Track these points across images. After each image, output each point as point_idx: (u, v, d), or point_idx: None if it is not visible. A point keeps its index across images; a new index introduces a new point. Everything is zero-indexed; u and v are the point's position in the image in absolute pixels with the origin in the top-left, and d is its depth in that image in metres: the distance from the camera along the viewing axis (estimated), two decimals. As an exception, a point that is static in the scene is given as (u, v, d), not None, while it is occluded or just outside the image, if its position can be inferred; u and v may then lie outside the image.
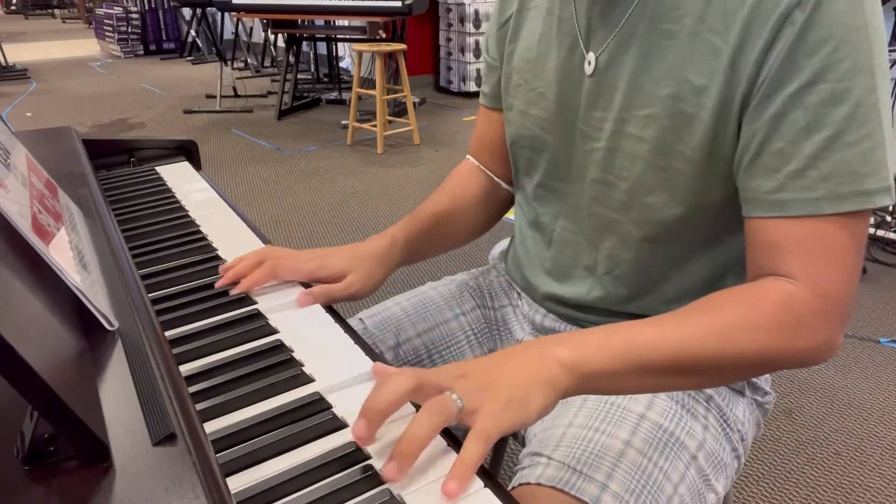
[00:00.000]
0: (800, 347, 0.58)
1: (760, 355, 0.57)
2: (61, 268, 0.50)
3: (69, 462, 0.41)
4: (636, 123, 0.66)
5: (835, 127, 0.56)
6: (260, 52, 7.12)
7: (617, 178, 0.70)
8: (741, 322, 0.57)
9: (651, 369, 0.56)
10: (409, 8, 4.07)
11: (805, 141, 0.57)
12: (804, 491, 1.49)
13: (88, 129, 4.57)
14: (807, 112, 0.57)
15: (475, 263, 2.54)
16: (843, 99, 0.56)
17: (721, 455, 0.70)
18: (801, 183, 0.58)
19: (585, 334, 0.57)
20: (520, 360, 0.54)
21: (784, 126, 0.58)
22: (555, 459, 0.63)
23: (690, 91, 0.62)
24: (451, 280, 0.95)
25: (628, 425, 0.66)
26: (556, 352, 0.55)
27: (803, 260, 0.58)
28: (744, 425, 0.75)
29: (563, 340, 0.56)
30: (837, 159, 0.56)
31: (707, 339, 0.57)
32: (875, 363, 1.95)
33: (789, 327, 0.57)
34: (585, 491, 0.59)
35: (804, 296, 0.58)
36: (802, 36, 0.56)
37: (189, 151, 1.19)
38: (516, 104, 0.80)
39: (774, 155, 0.59)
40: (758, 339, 0.57)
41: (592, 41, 0.70)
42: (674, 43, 0.63)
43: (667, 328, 0.57)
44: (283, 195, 3.34)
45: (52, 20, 13.07)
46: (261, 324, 0.67)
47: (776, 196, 0.59)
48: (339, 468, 0.48)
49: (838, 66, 0.55)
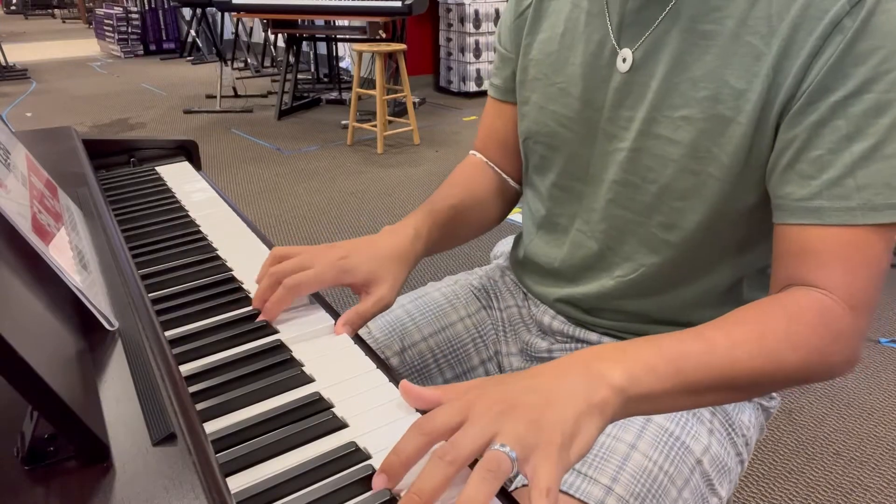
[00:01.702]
0: (834, 361, 0.58)
1: (800, 369, 0.56)
2: (61, 268, 0.50)
3: (69, 462, 0.41)
4: (668, 124, 0.65)
5: (876, 137, 0.56)
6: (260, 52, 7.12)
7: (643, 180, 0.68)
8: (784, 336, 0.56)
9: (698, 389, 0.54)
10: (409, 8, 4.07)
11: (845, 150, 0.57)
12: (804, 491, 1.49)
13: (88, 129, 4.57)
14: (849, 121, 0.56)
15: (475, 263, 2.54)
16: (887, 110, 0.55)
17: (725, 460, 0.70)
18: (838, 192, 0.57)
19: (633, 351, 0.53)
20: (567, 385, 0.49)
21: (825, 134, 0.57)
22: None
23: (730, 94, 0.61)
24: (453, 280, 0.94)
25: (634, 429, 0.66)
26: (607, 372, 0.50)
27: (838, 270, 0.57)
28: (749, 430, 0.74)
29: (611, 357, 0.52)
30: (875, 170, 0.56)
31: (753, 354, 0.55)
32: (875, 363, 1.95)
33: (827, 342, 0.57)
34: (590, 494, 0.59)
35: (839, 309, 0.57)
36: (852, 44, 0.55)
37: (189, 151, 1.19)
38: (533, 98, 0.78)
39: (812, 162, 0.58)
40: (799, 355, 0.56)
41: (624, 37, 0.68)
42: (713, 44, 0.62)
43: (714, 344, 0.55)
44: (283, 195, 3.34)
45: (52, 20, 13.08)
46: (261, 324, 0.66)
47: (811, 203, 0.58)
48: (339, 468, 0.48)
49: (886, 76, 0.55)
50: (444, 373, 0.85)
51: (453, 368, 0.85)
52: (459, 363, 0.86)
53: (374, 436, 0.52)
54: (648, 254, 0.71)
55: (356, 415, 0.54)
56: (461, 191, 0.84)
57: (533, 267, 0.86)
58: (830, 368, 0.58)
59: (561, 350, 0.79)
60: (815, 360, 0.57)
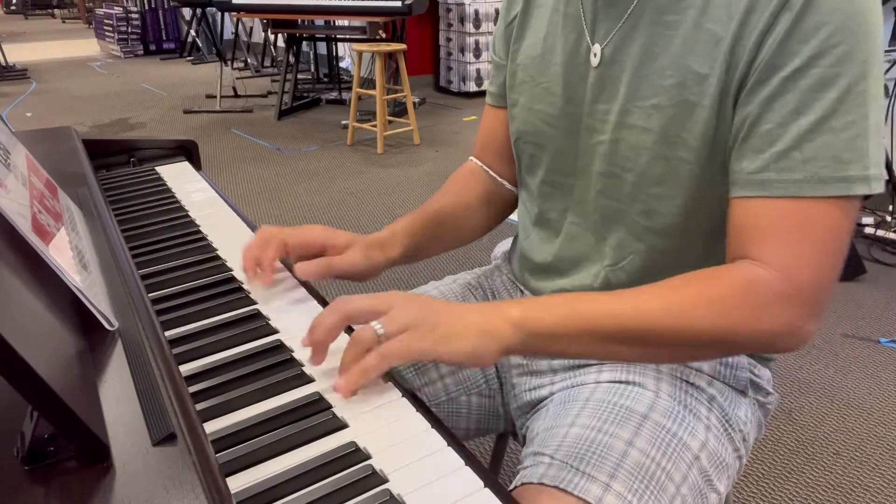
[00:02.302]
0: (760, 331, 0.59)
1: (715, 334, 0.58)
2: (61, 268, 0.50)
3: (69, 462, 0.41)
4: (641, 114, 0.67)
5: (822, 111, 0.57)
6: (260, 52, 7.12)
7: (622, 169, 0.70)
8: (698, 300, 0.59)
9: (600, 335, 0.59)
10: (409, 8, 4.07)
11: (792, 123, 0.58)
12: (804, 491, 1.49)
13: (88, 129, 4.57)
14: (797, 95, 0.58)
15: (477, 263, 2.54)
16: (833, 84, 0.57)
17: (723, 455, 0.70)
18: (784, 164, 0.58)
19: (541, 298, 0.61)
20: (472, 311, 0.59)
21: (774, 108, 0.59)
22: (557, 459, 0.63)
23: (694, 80, 0.63)
24: (453, 280, 0.95)
25: (631, 425, 0.66)
26: (507, 309, 0.59)
27: (776, 243, 0.59)
28: (746, 426, 0.74)
29: (518, 301, 0.61)
30: (821, 143, 0.57)
31: (661, 312, 0.58)
32: (875, 363, 1.95)
33: (748, 309, 0.58)
34: (588, 491, 0.59)
35: (770, 279, 0.58)
36: (798, 21, 0.57)
37: (189, 151, 1.19)
38: (521, 100, 0.81)
39: (762, 136, 0.60)
40: (717, 316, 0.58)
41: (597, 34, 0.70)
42: (677, 33, 0.64)
43: (623, 299, 0.60)
44: (283, 195, 3.34)
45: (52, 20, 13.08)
46: (261, 324, 0.66)
47: (758, 176, 0.60)
48: (339, 468, 0.48)
49: (831, 51, 0.56)
50: (439, 367, 0.86)
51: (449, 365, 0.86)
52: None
53: (374, 436, 0.52)
54: (634, 241, 0.73)
55: (356, 415, 0.54)
56: (449, 197, 0.89)
57: (528, 264, 0.87)
58: (758, 336, 0.59)
59: None
60: (732, 325, 0.58)
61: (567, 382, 0.78)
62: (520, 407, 0.83)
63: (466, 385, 0.86)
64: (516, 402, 0.84)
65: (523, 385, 0.82)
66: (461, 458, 0.50)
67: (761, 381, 0.78)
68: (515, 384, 0.84)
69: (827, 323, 2.16)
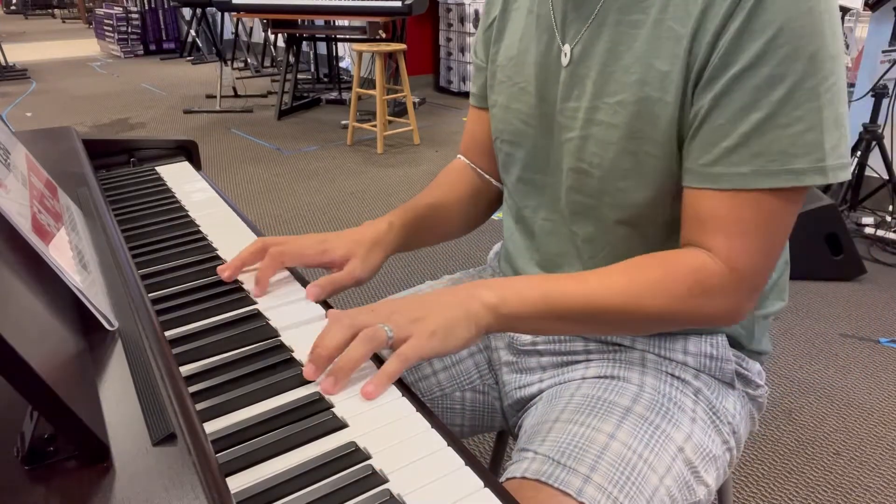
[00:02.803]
0: (705, 313, 0.65)
1: (667, 314, 0.65)
2: (61, 268, 0.50)
3: (69, 462, 0.41)
4: (607, 111, 0.69)
5: (768, 109, 0.59)
6: (260, 52, 7.12)
7: (590, 165, 0.72)
8: (654, 284, 0.64)
9: (566, 317, 0.65)
10: (409, 8, 4.07)
11: (741, 120, 0.61)
12: (804, 491, 1.49)
13: (88, 129, 4.57)
14: (745, 93, 0.60)
15: (475, 263, 2.54)
16: (779, 83, 0.59)
17: (710, 447, 0.70)
18: (734, 159, 0.62)
19: (511, 281, 0.66)
20: (448, 298, 0.63)
21: (725, 104, 0.61)
22: (540, 453, 0.64)
23: (656, 77, 0.65)
24: (449, 279, 0.96)
25: (613, 419, 0.67)
26: (481, 293, 0.63)
27: (721, 234, 0.63)
28: (734, 417, 0.75)
29: (489, 284, 0.65)
30: (769, 139, 0.60)
31: (620, 296, 0.64)
32: (875, 363, 1.95)
33: (697, 293, 0.64)
34: (569, 483, 0.60)
35: (716, 267, 0.63)
36: (748, 21, 0.59)
37: (189, 151, 1.19)
38: (500, 100, 0.82)
39: (714, 131, 0.62)
40: (666, 301, 0.64)
41: (567, 34, 0.72)
42: (640, 32, 0.66)
43: (586, 282, 0.65)
44: (283, 195, 3.34)
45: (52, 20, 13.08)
46: (261, 324, 0.67)
47: (710, 169, 0.63)
48: (339, 468, 0.48)
49: (777, 51, 0.58)
50: (433, 364, 0.86)
51: (442, 360, 0.87)
52: (448, 355, 0.87)
53: (374, 436, 0.52)
54: (603, 235, 0.75)
55: (356, 415, 0.54)
56: (441, 192, 0.91)
57: (515, 261, 0.88)
58: (703, 317, 0.66)
59: (544, 342, 0.80)
60: (680, 307, 0.64)
61: (555, 379, 0.79)
62: (511, 405, 0.84)
63: (460, 381, 0.86)
64: (507, 400, 0.84)
65: (513, 383, 0.83)
66: (461, 458, 0.50)
67: (750, 374, 0.78)
68: (506, 382, 0.84)
69: (827, 323, 2.17)
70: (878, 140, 2.69)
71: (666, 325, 0.68)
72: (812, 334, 2.11)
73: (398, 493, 0.46)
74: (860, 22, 4.35)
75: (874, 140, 2.69)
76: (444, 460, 0.50)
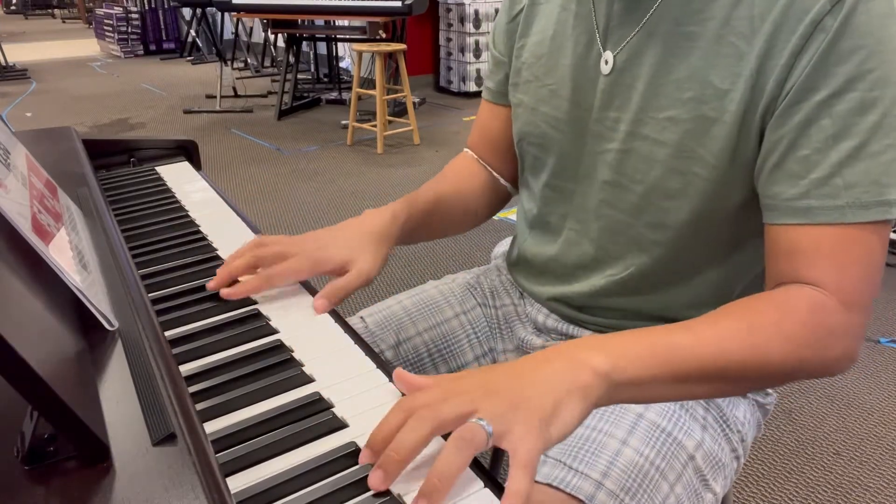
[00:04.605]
0: (826, 357, 0.58)
1: (789, 364, 0.57)
2: (61, 268, 0.50)
3: (69, 462, 0.41)
4: (654, 126, 0.66)
5: (861, 136, 0.56)
6: (260, 52, 7.12)
7: (630, 180, 0.69)
8: (773, 330, 0.57)
9: (684, 378, 0.55)
10: (409, 8, 4.07)
11: (831, 149, 0.57)
12: (804, 491, 1.49)
13: (88, 129, 4.57)
14: (835, 120, 0.57)
15: (477, 263, 2.54)
16: (871, 108, 0.56)
17: (720, 456, 0.70)
18: (826, 191, 0.58)
19: (618, 340, 0.55)
20: (549, 370, 0.51)
21: (811, 133, 0.58)
22: (551, 457, 0.63)
23: (713, 94, 0.62)
24: (452, 279, 0.95)
25: (626, 424, 0.66)
26: (590, 359, 0.52)
27: (829, 267, 0.58)
28: (744, 426, 0.75)
29: (595, 345, 0.54)
30: (862, 168, 0.57)
31: (741, 347, 0.56)
32: (875, 363, 1.95)
33: (819, 336, 0.57)
34: (581, 489, 0.59)
35: (832, 304, 0.58)
36: (834, 43, 0.56)
37: (189, 151, 1.19)
38: (525, 100, 0.79)
39: (800, 161, 0.59)
40: (789, 348, 0.57)
41: (610, 39, 0.69)
42: (696, 45, 0.63)
43: (701, 335, 0.56)
44: (283, 195, 3.34)
45: (52, 20, 13.07)
46: (261, 324, 0.66)
47: (800, 203, 0.59)
48: (339, 468, 0.48)
49: (868, 75, 0.55)
50: (437, 367, 0.86)
51: (447, 363, 0.86)
52: (453, 358, 0.87)
53: (374, 436, 0.52)
54: (638, 253, 0.72)
55: (356, 415, 0.54)
56: (447, 185, 0.87)
57: (526, 266, 0.87)
58: (825, 364, 0.58)
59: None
60: (807, 355, 0.57)
61: None
62: None
63: None
64: None
65: None
66: (461, 458, 0.50)
67: None
68: None
69: (827, 323, 2.16)
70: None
71: (785, 379, 0.60)
72: (812, 334, 2.11)
73: (398, 494, 0.46)
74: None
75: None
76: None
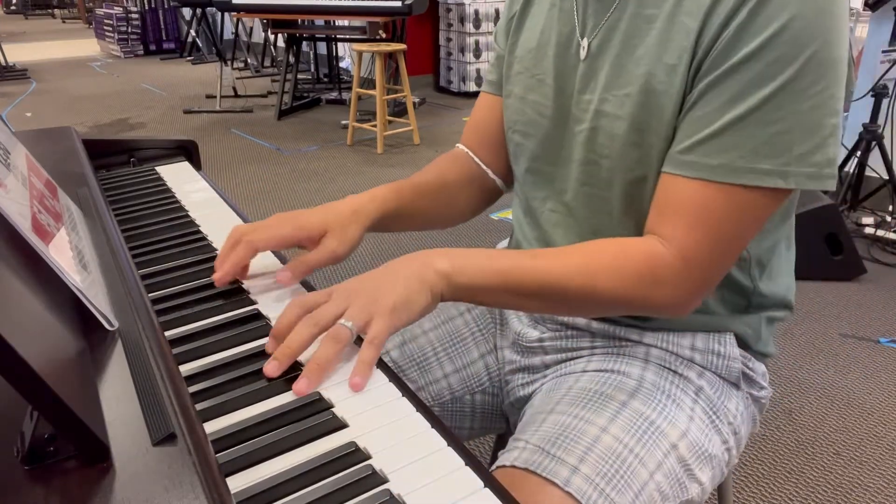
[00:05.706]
0: (654, 300, 0.66)
1: (616, 298, 0.65)
2: (61, 268, 0.50)
3: (69, 462, 0.41)
4: (615, 102, 0.69)
5: (750, 105, 0.59)
6: (260, 52, 7.12)
7: (599, 156, 0.72)
8: (608, 266, 0.65)
9: (521, 292, 0.65)
10: (409, 8, 4.07)
11: (722, 113, 0.61)
12: (804, 491, 1.49)
13: (88, 129, 4.57)
14: (733, 85, 0.60)
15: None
16: (769, 81, 0.59)
17: (707, 447, 0.70)
18: (707, 149, 0.62)
19: (467, 252, 0.66)
20: (405, 271, 0.63)
21: (713, 95, 0.62)
22: (531, 443, 0.65)
23: (663, 70, 0.65)
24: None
25: (608, 412, 0.67)
26: (434, 261, 0.64)
27: (681, 225, 0.64)
28: (736, 418, 0.75)
29: (444, 253, 0.65)
30: (746, 134, 0.60)
31: (574, 276, 0.65)
32: (875, 363, 1.95)
33: (647, 280, 0.65)
34: (556, 473, 0.61)
35: (668, 256, 0.64)
36: (752, 17, 0.59)
37: (189, 151, 1.19)
38: (515, 91, 0.82)
39: (698, 119, 0.63)
40: (616, 285, 0.65)
41: (587, 27, 0.73)
42: (653, 26, 0.66)
43: (541, 260, 0.66)
44: (283, 195, 3.34)
45: (52, 20, 13.07)
46: (261, 324, 0.66)
47: (684, 157, 0.64)
48: (339, 468, 0.48)
49: (775, 49, 0.58)
50: (443, 366, 0.86)
51: (453, 362, 0.87)
52: (459, 356, 0.87)
53: (374, 436, 0.52)
54: (613, 227, 0.74)
55: (356, 415, 0.54)
56: (432, 175, 0.89)
57: None
58: (651, 304, 0.66)
59: (551, 339, 0.80)
60: (632, 293, 0.65)
61: (556, 372, 0.79)
62: (513, 403, 0.84)
63: (470, 384, 0.86)
64: (509, 399, 0.84)
65: (516, 381, 0.83)
66: (461, 458, 0.50)
67: (755, 375, 0.78)
68: (508, 381, 0.84)
69: (826, 323, 2.17)
70: (877, 140, 2.69)
71: (618, 310, 0.69)
72: (812, 334, 2.11)
73: (398, 493, 0.46)
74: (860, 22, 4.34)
75: (874, 140, 2.69)
76: (444, 460, 0.50)
